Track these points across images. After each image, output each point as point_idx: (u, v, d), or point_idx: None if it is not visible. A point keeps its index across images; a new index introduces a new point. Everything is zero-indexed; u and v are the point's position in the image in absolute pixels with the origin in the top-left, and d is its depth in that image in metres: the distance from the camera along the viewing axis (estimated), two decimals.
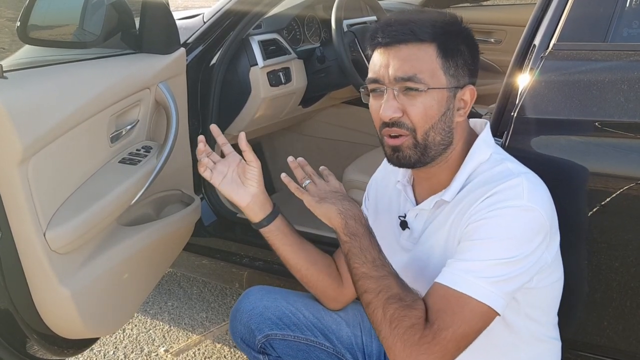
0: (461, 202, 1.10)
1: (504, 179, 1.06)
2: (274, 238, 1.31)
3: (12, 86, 1.26)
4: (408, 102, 1.08)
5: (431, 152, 1.11)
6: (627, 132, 1.21)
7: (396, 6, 3.28)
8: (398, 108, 1.08)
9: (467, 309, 1.00)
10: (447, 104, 1.09)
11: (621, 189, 1.21)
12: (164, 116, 1.71)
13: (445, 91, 1.08)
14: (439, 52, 1.08)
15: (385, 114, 1.09)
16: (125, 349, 2.14)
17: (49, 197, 1.33)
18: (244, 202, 1.29)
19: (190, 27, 2.03)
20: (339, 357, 1.39)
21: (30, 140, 1.26)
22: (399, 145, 1.11)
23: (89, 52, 1.56)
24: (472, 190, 1.09)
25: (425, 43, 1.07)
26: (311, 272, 1.32)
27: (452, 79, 1.09)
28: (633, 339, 1.32)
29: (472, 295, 0.99)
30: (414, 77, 1.06)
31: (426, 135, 1.09)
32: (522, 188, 1.04)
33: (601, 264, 1.29)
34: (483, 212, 1.04)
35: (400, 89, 1.08)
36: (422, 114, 1.08)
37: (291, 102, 2.38)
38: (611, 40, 1.25)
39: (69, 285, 1.39)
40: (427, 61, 1.07)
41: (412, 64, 1.07)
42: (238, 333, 1.39)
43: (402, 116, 1.08)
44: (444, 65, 1.08)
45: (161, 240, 1.70)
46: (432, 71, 1.07)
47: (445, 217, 1.13)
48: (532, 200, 1.03)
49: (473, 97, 1.13)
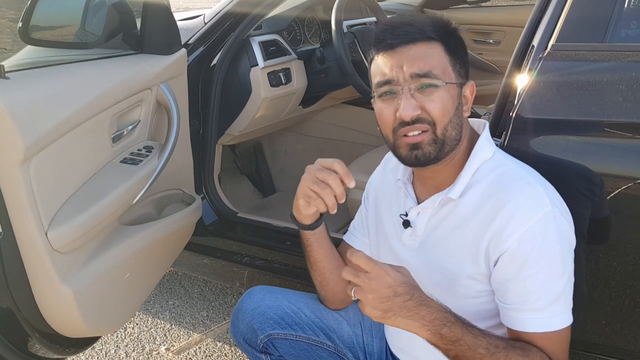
0: (478, 211, 1.10)
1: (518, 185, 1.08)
2: (315, 241, 1.29)
3: (14, 86, 1.27)
4: (425, 98, 1.08)
5: (447, 148, 1.12)
6: (625, 132, 1.22)
7: (396, 7, 3.29)
8: (417, 106, 1.08)
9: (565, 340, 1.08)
10: (458, 98, 1.12)
11: (619, 189, 1.22)
12: (165, 116, 1.71)
13: (455, 86, 1.11)
14: (446, 49, 1.10)
15: (405, 113, 1.07)
16: (126, 347, 2.15)
17: (50, 196, 1.34)
18: (310, 211, 1.22)
19: (192, 28, 2.04)
20: (341, 356, 1.40)
21: (32, 140, 1.26)
22: (419, 142, 1.10)
23: (90, 52, 1.57)
24: (486, 198, 1.10)
25: (433, 41, 1.09)
26: (334, 276, 1.33)
27: (458, 75, 1.12)
28: (631, 337, 1.33)
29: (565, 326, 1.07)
30: (429, 73, 1.08)
31: (445, 130, 1.10)
32: (541, 193, 1.07)
33: (600, 263, 1.29)
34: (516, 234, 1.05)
35: (416, 87, 1.08)
36: (441, 109, 1.09)
37: (291, 102, 2.38)
38: (609, 41, 1.25)
39: (71, 284, 1.40)
40: (438, 58, 1.09)
41: (426, 61, 1.08)
42: (240, 332, 1.40)
43: (421, 113, 1.09)
44: (451, 61, 1.11)
45: (162, 239, 1.71)
46: (444, 67, 1.10)
47: (460, 220, 1.13)
48: (554, 203, 1.07)
49: (473, 92, 1.16)
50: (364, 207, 1.38)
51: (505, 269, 1.07)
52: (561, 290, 1.06)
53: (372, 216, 1.34)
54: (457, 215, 1.14)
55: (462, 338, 1.00)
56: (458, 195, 1.13)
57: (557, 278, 1.06)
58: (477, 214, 1.10)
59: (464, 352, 1.01)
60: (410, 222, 1.22)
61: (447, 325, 1.00)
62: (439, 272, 1.14)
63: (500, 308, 1.10)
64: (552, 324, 1.06)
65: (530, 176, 1.10)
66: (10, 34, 1.95)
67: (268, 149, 2.85)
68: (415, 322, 0.99)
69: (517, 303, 1.07)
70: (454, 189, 1.13)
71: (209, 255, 2.12)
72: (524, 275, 1.05)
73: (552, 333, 1.06)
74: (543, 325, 1.06)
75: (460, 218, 1.13)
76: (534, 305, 1.06)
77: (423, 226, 1.19)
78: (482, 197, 1.11)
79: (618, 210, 1.25)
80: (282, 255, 2.00)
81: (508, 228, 1.06)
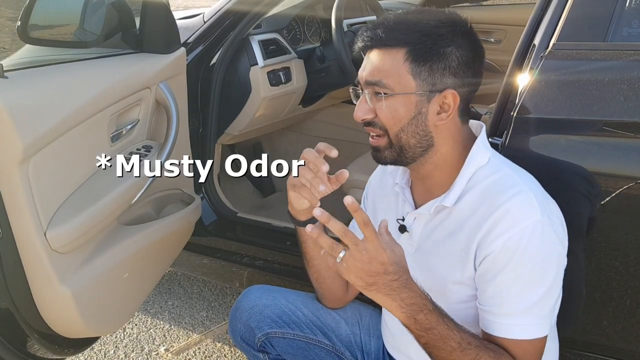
0: (470, 217, 1.10)
1: (510, 192, 1.06)
2: (310, 238, 1.27)
3: (12, 86, 1.26)
4: (377, 105, 1.11)
5: (408, 153, 1.13)
6: (626, 132, 1.21)
7: (396, 6, 3.28)
8: (369, 110, 1.12)
9: (539, 348, 1.08)
10: (417, 107, 1.09)
11: (621, 189, 1.21)
12: (164, 116, 1.71)
13: (413, 96, 1.08)
14: (409, 56, 1.07)
15: (355, 114, 1.14)
16: (125, 348, 2.14)
17: (49, 196, 1.34)
18: (304, 207, 1.22)
19: (191, 27, 2.04)
20: (338, 355, 1.40)
21: (31, 140, 1.26)
22: (377, 146, 1.15)
23: (89, 51, 1.56)
24: (478, 204, 1.09)
25: (394, 48, 1.08)
26: (329, 273, 1.33)
27: (424, 83, 1.08)
28: (632, 338, 1.32)
29: (539, 336, 1.07)
30: (379, 82, 1.09)
31: (398, 137, 1.11)
32: (532, 201, 1.05)
33: (601, 263, 1.29)
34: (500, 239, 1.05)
35: (370, 92, 1.11)
36: (388, 117, 1.10)
37: (291, 101, 2.38)
38: (611, 40, 1.25)
39: (70, 285, 1.39)
40: (394, 66, 1.08)
41: (379, 69, 1.09)
42: (238, 332, 1.40)
43: (375, 117, 1.12)
44: (414, 70, 1.07)
45: (161, 239, 1.70)
46: (399, 76, 1.08)
47: (454, 226, 1.13)
48: (545, 212, 1.05)
49: (456, 101, 1.10)
50: (364, 207, 1.37)
51: (486, 271, 1.08)
52: (537, 300, 1.05)
53: (370, 217, 1.33)
54: (451, 222, 1.14)
55: (436, 327, 1.02)
56: (452, 202, 1.12)
57: (535, 287, 1.05)
58: (469, 220, 1.10)
59: (436, 342, 1.02)
60: (406, 227, 1.22)
61: (424, 312, 1.01)
62: (432, 277, 1.14)
63: (478, 309, 1.11)
64: (522, 332, 1.06)
65: (525, 183, 1.08)
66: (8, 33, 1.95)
67: (268, 148, 2.85)
68: (394, 301, 1.00)
69: (491, 305, 1.07)
70: (448, 196, 1.13)
71: (209, 256, 2.11)
72: (502, 279, 1.06)
73: (523, 341, 1.06)
74: (514, 331, 1.06)
75: (454, 224, 1.13)
76: (507, 310, 1.06)
77: (419, 232, 1.19)
78: (475, 203, 1.10)
79: (619, 211, 1.24)
80: (282, 256, 1.99)
81: (495, 231, 1.06)
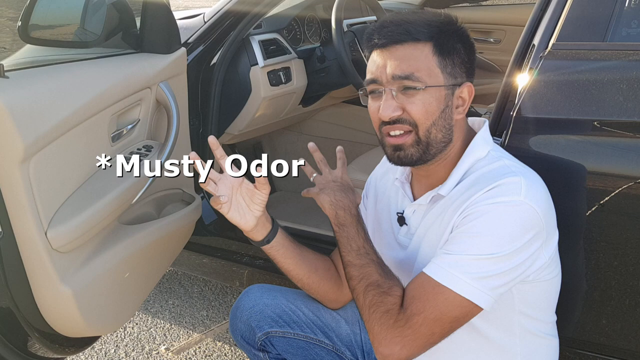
0: (458, 198, 1.11)
1: (503, 176, 1.06)
2: (276, 253, 1.28)
3: (13, 85, 1.26)
4: (407, 100, 1.09)
5: (432, 150, 1.12)
6: (625, 132, 1.22)
7: (396, 6, 3.28)
8: (397, 107, 1.09)
9: (442, 297, 1.03)
10: (446, 101, 1.10)
11: (619, 188, 1.22)
12: (164, 115, 1.71)
13: (442, 89, 1.10)
14: (435, 50, 1.09)
15: (384, 113, 1.10)
16: (126, 347, 2.15)
17: (50, 195, 1.34)
18: (250, 227, 1.23)
19: (191, 27, 2.04)
20: (338, 354, 1.40)
21: (32, 140, 1.26)
22: (402, 144, 1.12)
23: (90, 51, 1.57)
24: (469, 187, 1.10)
25: (421, 42, 1.09)
26: (312, 279, 1.33)
27: (449, 76, 1.10)
28: (632, 337, 1.32)
29: (451, 287, 1.02)
30: (411, 76, 1.08)
31: (428, 132, 1.10)
32: (520, 185, 1.04)
33: (600, 262, 1.29)
34: (478, 205, 1.05)
35: (398, 88, 1.09)
36: (422, 111, 1.09)
37: (291, 101, 2.38)
38: (610, 40, 1.25)
39: (70, 284, 1.39)
40: (424, 60, 1.09)
41: (409, 63, 1.08)
42: (238, 331, 1.40)
43: (403, 113, 1.10)
44: (441, 63, 1.09)
45: (162, 239, 1.71)
46: (429, 69, 1.09)
47: (440, 211, 1.14)
48: (529, 197, 1.04)
49: (471, 94, 1.14)
50: (363, 206, 1.37)
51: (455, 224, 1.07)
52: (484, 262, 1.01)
53: (370, 214, 1.35)
54: (445, 212, 1.14)
55: (348, 227, 1.17)
56: (448, 192, 1.13)
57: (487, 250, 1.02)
58: (456, 201, 1.10)
59: (342, 238, 1.16)
60: (405, 219, 1.22)
61: (344, 211, 1.19)
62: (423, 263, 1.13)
63: None
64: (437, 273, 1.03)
65: (521, 173, 1.07)
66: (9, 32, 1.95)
67: (268, 148, 2.85)
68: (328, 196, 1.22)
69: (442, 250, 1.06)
70: (445, 186, 1.14)
71: (209, 255, 2.12)
72: (464, 230, 1.04)
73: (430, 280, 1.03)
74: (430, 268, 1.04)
75: (445, 209, 1.13)
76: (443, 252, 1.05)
77: (417, 223, 1.20)
78: (465, 187, 1.11)
79: (619, 210, 1.25)
80: None
81: (474, 197, 1.05)
